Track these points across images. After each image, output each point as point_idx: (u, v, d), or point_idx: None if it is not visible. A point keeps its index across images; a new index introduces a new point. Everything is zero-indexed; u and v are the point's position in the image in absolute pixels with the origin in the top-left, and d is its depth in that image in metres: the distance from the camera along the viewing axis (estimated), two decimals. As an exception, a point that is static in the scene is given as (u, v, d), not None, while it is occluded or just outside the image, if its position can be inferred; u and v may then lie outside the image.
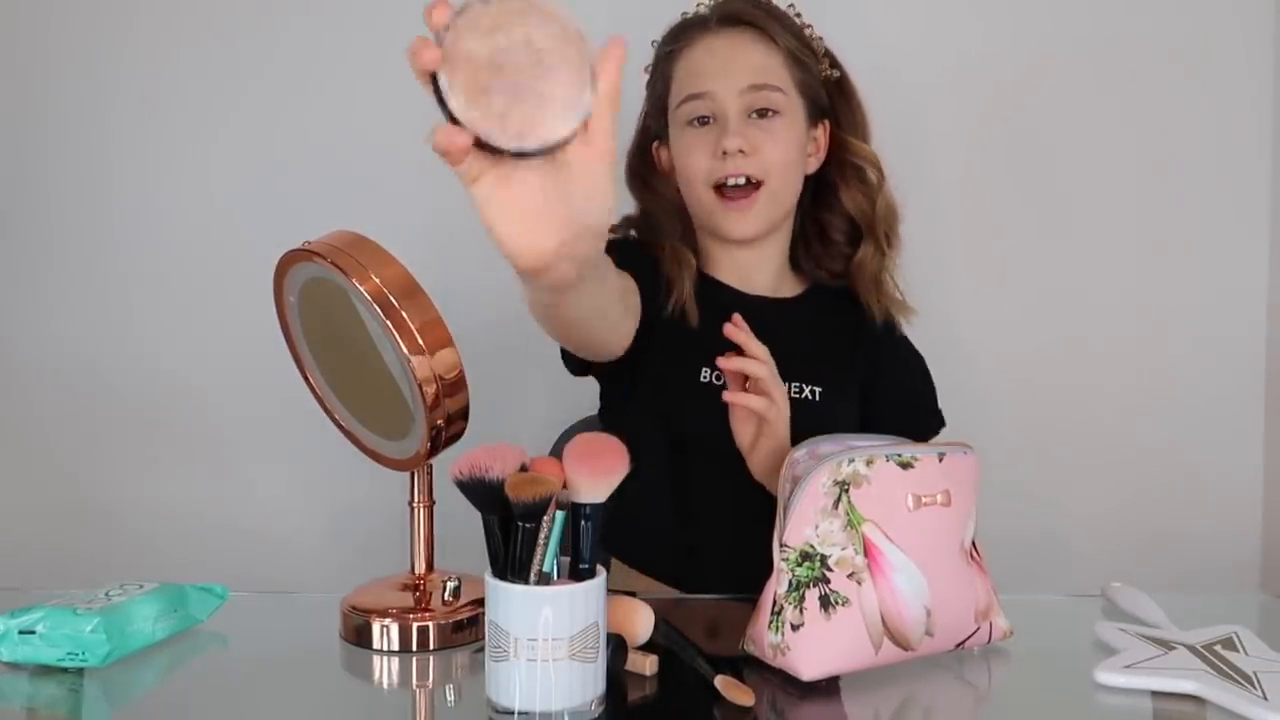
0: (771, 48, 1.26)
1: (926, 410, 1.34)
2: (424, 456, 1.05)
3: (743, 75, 1.24)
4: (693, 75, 1.26)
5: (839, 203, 1.31)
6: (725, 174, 1.24)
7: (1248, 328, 1.68)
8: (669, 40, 1.30)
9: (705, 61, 1.26)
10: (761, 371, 1.10)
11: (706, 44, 1.26)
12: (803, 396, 1.27)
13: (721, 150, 1.23)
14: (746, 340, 1.10)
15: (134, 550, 1.68)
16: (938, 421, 1.35)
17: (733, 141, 1.22)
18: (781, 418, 1.13)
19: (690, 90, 1.25)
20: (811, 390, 1.27)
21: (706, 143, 1.25)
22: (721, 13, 1.27)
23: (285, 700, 0.97)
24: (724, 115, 1.24)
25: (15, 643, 0.97)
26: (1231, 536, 1.69)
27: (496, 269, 1.61)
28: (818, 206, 1.33)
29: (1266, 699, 0.88)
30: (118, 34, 1.65)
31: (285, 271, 1.07)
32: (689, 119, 1.26)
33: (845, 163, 1.30)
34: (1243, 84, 1.65)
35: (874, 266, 1.30)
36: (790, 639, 0.94)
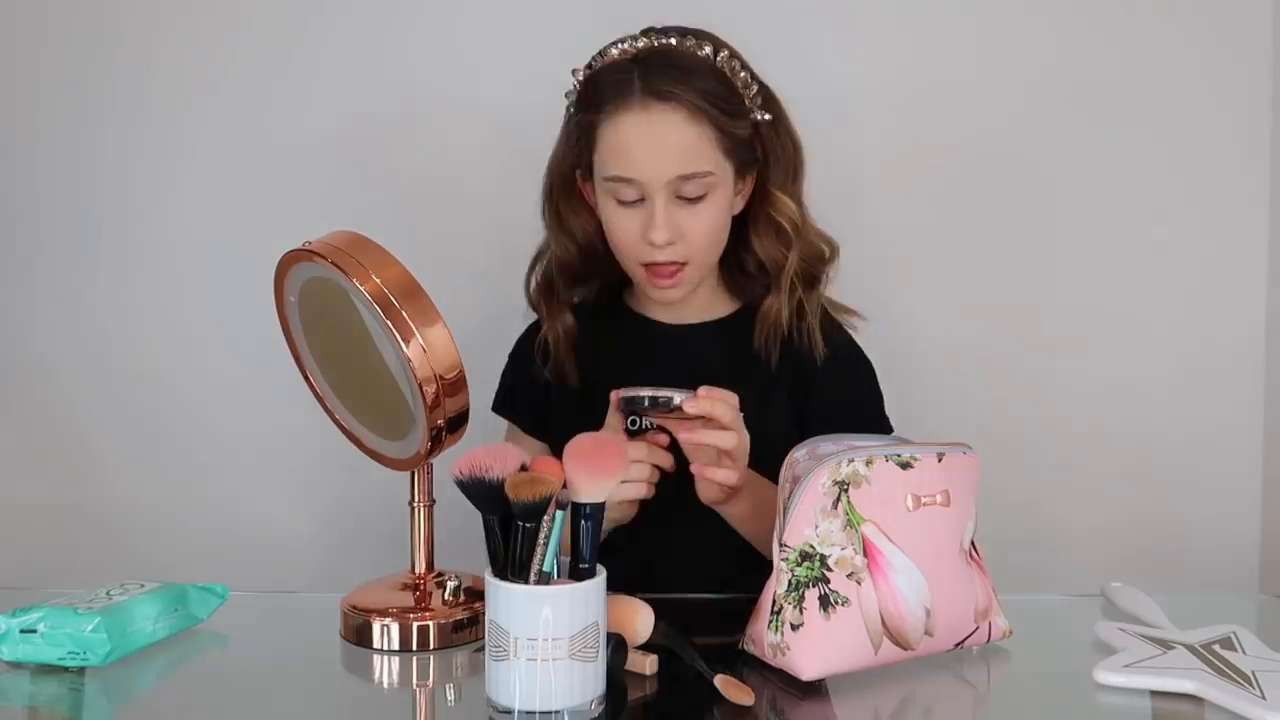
0: (700, 125, 1.21)
1: (870, 418, 1.31)
2: (424, 456, 1.05)
3: (671, 164, 1.20)
4: (618, 156, 1.22)
5: (752, 248, 1.30)
6: (653, 259, 1.23)
7: (1247, 328, 1.68)
8: (591, 102, 1.24)
9: (631, 144, 1.21)
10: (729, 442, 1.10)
11: (633, 123, 1.20)
12: None
13: (649, 240, 1.21)
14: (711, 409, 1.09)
15: (135, 550, 1.68)
16: (884, 427, 1.32)
17: (660, 235, 1.21)
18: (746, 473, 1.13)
19: (616, 172, 1.22)
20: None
21: (634, 223, 1.23)
22: (649, 89, 1.20)
23: (285, 700, 0.97)
24: (651, 198, 1.21)
25: (16, 642, 0.97)
26: (1230, 536, 1.69)
27: (496, 269, 1.62)
28: (737, 243, 1.31)
29: (1265, 698, 0.88)
30: (114, 34, 1.64)
31: (285, 271, 1.07)
32: (616, 196, 1.23)
33: (763, 214, 1.28)
34: (1241, 83, 1.65)
35: (773, 315, 1.28)
36: (790, 639, 0.94)
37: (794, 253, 1.27)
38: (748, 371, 1.28)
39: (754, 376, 1.28)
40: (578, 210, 1.31)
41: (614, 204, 1.24)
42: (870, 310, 1.36)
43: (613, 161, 1.22)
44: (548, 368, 1.32)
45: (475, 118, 1.64)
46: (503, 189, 1.61)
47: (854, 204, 1.40)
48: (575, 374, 1.31)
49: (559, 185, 1.31)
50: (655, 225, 1.21)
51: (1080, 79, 1.64)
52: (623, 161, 1.22)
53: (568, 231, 1.31)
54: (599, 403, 1.19)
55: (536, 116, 1.34)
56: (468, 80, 1.64)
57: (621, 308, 1.36)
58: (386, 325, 0.99)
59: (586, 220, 1.31)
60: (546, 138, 1.33)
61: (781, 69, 1.30)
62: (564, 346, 1.32)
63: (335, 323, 1.06)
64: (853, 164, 1.57)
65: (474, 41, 1.64)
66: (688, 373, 1.20)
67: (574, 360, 1.32)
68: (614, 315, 1.35)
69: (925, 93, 1.63)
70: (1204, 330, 1.68)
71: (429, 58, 1.64)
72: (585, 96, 1.25)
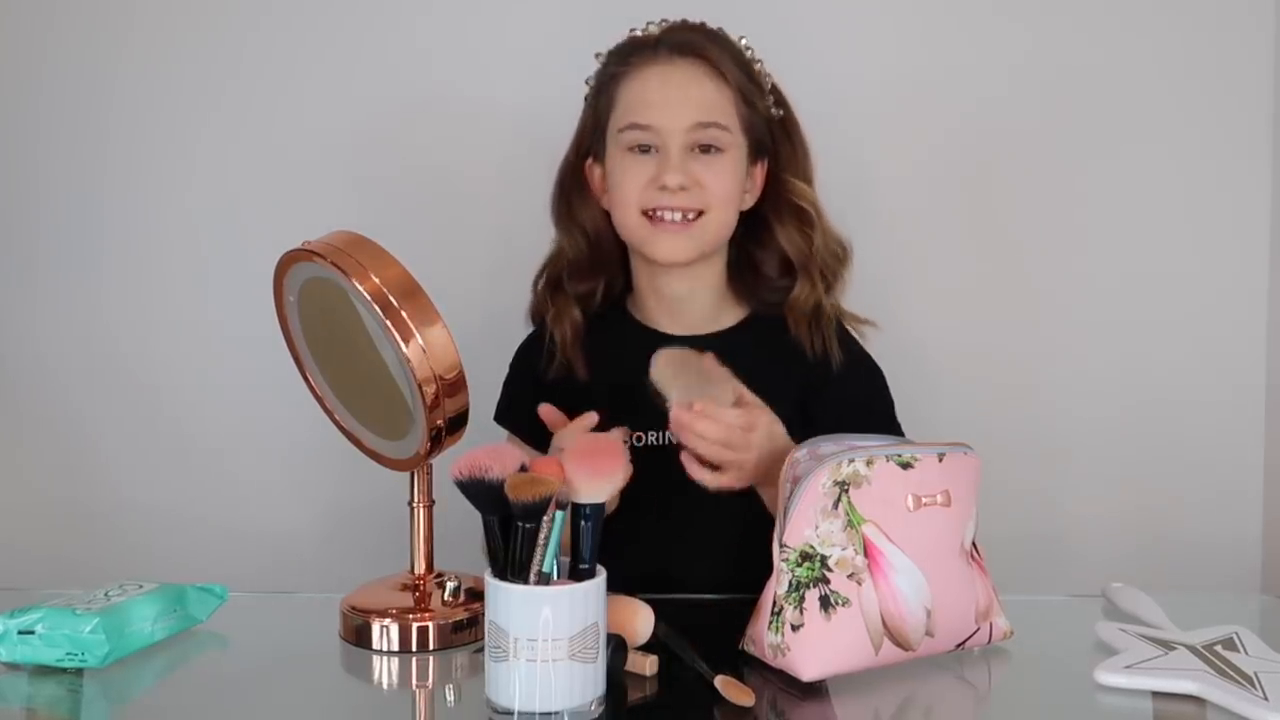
0: (721, 83, 1.24)
1: (879, 426, 1.27)
2: (424, 456, 1.05)
3: (691, 111, 1.22)
4: (639, 104, 1.24)
5: (774, 241, 1.29)
6: (659, 205, 1.23)
7: (1248, 328, 1.67)
8: (616, 60, 1.28)
9: (653, 92, 1.23)
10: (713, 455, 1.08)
11: (656, 73, 1.24)
12: None
13: (661, 184, 1.22)
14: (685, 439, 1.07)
15: (133, 550, 1.68)
16: (894, 432, 1.30)
17: (674, 178, 1.21)
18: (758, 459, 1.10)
19: (635, 119, 1.23)
20: None
21: (645, 170, 1.23)
22: (673, 41, 1.25)
23: (285, 700, 0.97)
24: (666, 148, 1.22)
25: (14, 643, 0.97)
26: (1232, 537, 1.69)
27: (496, 269, 1.62)
28: (750, 243, 1.31)
29: (1267, 699, 0.88)
30: (113, 34, 1.64)
31: (285, 271, 1.07)
32: (630, 145, 1.24)
33: (783, 202, 1.28)
34: (1242, 83, 1.65)
35: (808, 303, 1.28)
36: (790, 639, 0.94)
37: (818, 236, 1.28)
38: (755, 382, 1.27)
39: (761, 387, 1.27)
40: (587, 202, 1.31)
41: (627, 157, 1.24)
42: (870, 310, 1.35)
43: (631, 111, 1.24)
44: (553, 368, 1.30)
45: (482, 118, 1.64)
46: (509, 191, 1.62)
47: (854, 205, 1.39)
48: (585, 369, 1.30)
49: (569, 177, 1.32)
50: (670, 169, 1.21)
51: (1081, 82, 1.64)
52: (641, 109, 1.23)
53: (578, 224, 1.31)
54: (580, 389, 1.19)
55: (545, 116, 1.35)
56: (475, 80, 1.64)
57: (625, 317, 1.34)
58: (386, 325, 0.99)
59: (596, 212, 1.31)
60: (556, 138, 1.33)
61: (787, 72, 1.30)
62: (571, 343, 1.30)
63: (335, 323, 1.06)
64: (855, 167, 1.56)
65: (481, 41, 1.63)
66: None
67: (582, 357, 1.30)
68: (618, 324, 1.33)
69: (926, 97, 1.63)
70: (1205, 330, 1.68)
71: (435, 58, 1.64)
72: (608, 62, 1.28)
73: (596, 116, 1.29)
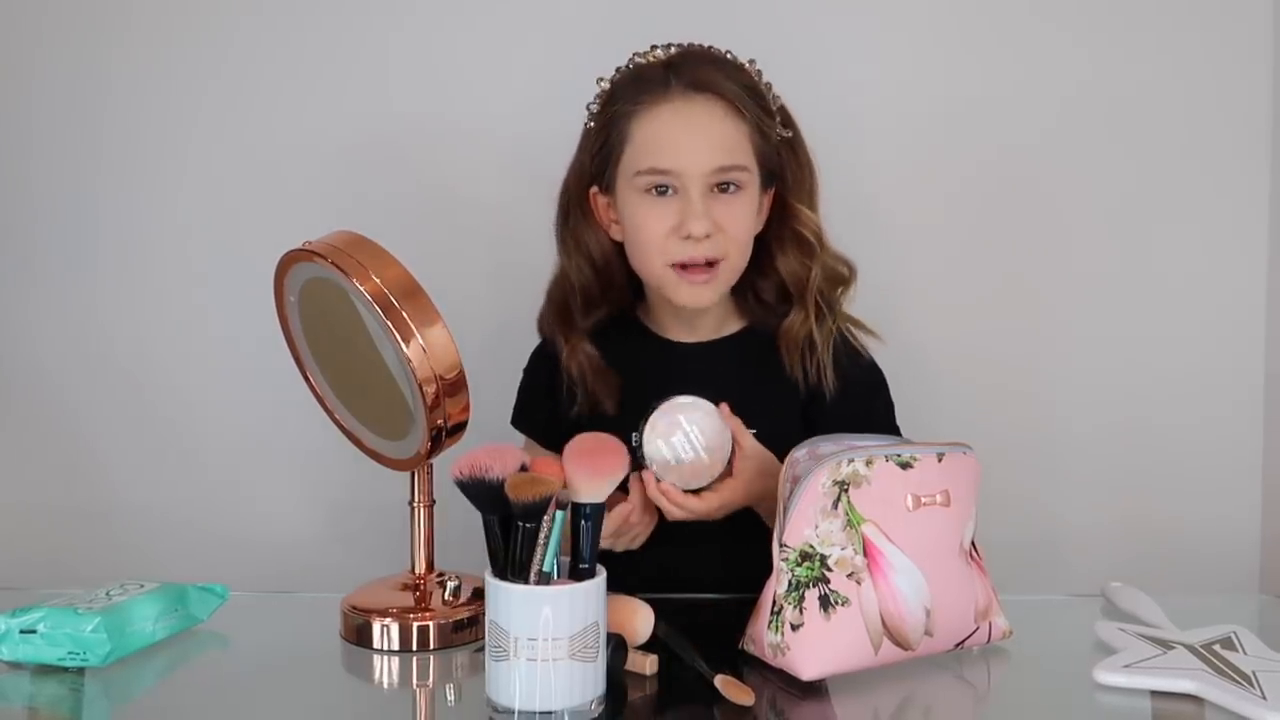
0: (739, 120, 1.20)
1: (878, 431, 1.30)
2: (424, 456, 1.05)
3: (712, 154, 1.18)
4: (657, 147, 1.19)
5: (773, 269, 1.27)
6: (687, 257, 1.20)
7: (1248, 329, 1.68)
8: (627, 96, 1.21)
9: (672, 134, 1.19)
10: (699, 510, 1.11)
11: (672, 112, 1.19)
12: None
13: (685, 233, 1.18)
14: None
15: (134, 550, 1.68)
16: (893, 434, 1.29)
17: (699, 225, 1.17)
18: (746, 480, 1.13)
19: (654, 164, 1.19)
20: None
21: (665, 216, 1.19)
22: (688, 77, 1.20)
23: (285, 700, 0.97)
24: (686, 191, 1.19)
25: (16, 642, 0.97)
26: (1230, 537, 1.69)
27: (496, 270, 1.62)
28: (750, 269, 1.28)
29: (1265, 698, 0.88)
30: (112, 34, 1.64)
31: (285, 271, 1.07)
32: (647, 188, 1.20)
33: (786, 229, 1.26)
34: (1240, 89, 1.65)
35: (800, 333, 1.26)
36: (790, 639, 0.94)
37: (817, 266, 1.25)
38: (763, 387, 1.27)
39: (769, 392, 1.26)
40: (593, 229, 1.27)
41: (645, 200, 1.20)
42: (870, 315, 1.35)
43: (649, 153, 1.19)
44: (577, 403, 1.27)
45: (479, 126, 1.63)
46: (509, 201, 1.62)
47: (855, 211, 1.39)
48: (615, 404, 1.26)
49: (574, 204, 1.27)
50: (694, 216, 1.18)
51: (1078, 91, 1.64)
52: (660, 152, 1.19)
53: (584, 252, 1.27)
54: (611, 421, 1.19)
55: (543, 127, 1.34)
56: (474, 89, 1.64)
57: (634, 325, 1.32)
58: (386, 325, 0.99)
59: (603, 239, 1.27)
60: (553, 147, 1.32)
61: (788, 87, 1.29)
62: (593, 378, 1.27)
63: (335, 323, 1.06)
64: (857, 173, 1.56)
65: (481, 53, 1.63)
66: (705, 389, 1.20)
67: (608, 389, 1.26)
68: (627, 333, 1.31)
69: (929, 107, 1.63)
70: (1204, 330, 1.68)
71: (436, 65, 1.64)
72: (615, 95, 1.22)
73: (605, 150, 1.23)
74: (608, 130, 1.23)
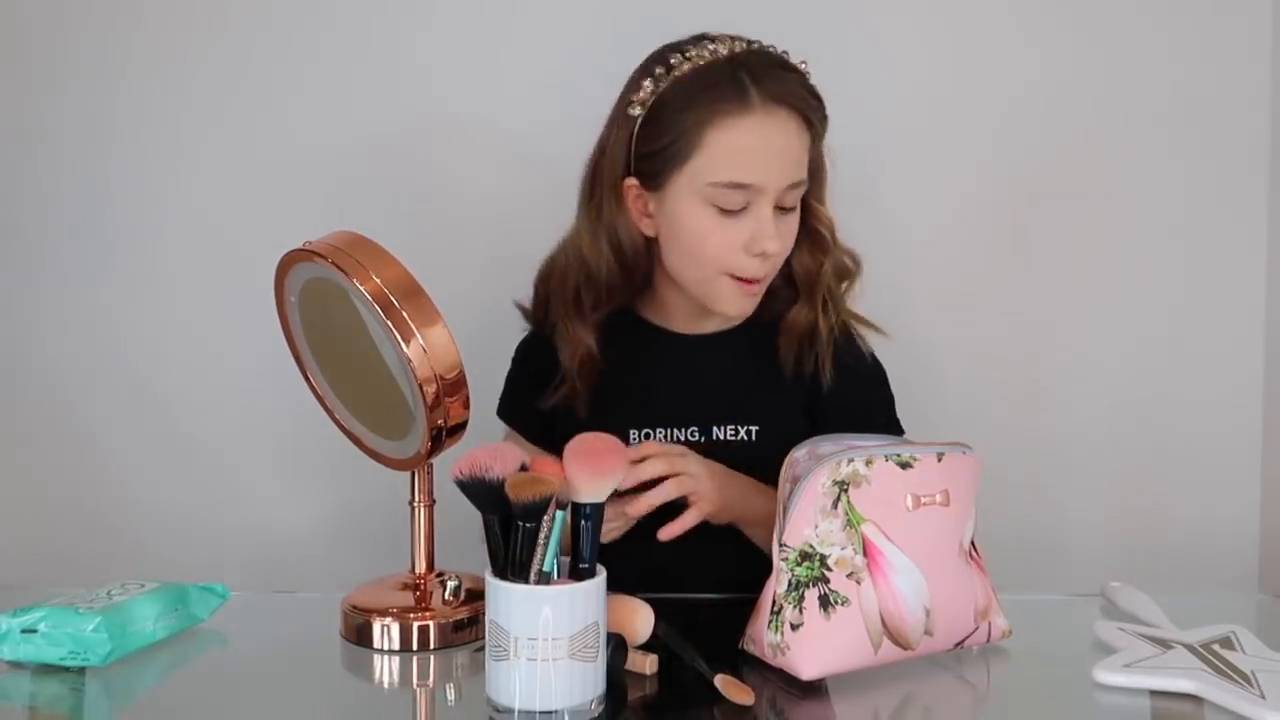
0: (806, 134, 1.18)
1: (879, 424, 1.28)
2: (424, 456, 1.05)
3: (787, 170, 1.16)
4: (739, 161, 1.15)
5: (784, 261, 1.24)
6: (751, 274, 1.18)
7: (1246, 328, 1.68)
8: (699, 99, 1.16)
9: (754, 149, 1.15)
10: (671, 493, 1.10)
11: (754, 126, 1.15)
12: (738, 438, 1.24)
13: (760, 250, 1.16)
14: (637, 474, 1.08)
15: (135, 549, 1.68)
16: (894, 432, 1.30)
17: (775, 244, 1.16)
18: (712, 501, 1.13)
19: (734, 178, 1.15)
20: (747, 431, 1.24)
21: (735, 231, 1.16)
22: (770, 91, 1.15)
23: (285, 700, 0.97)
24: (759, 207, 1.16)
25: (17, 642, 0.97)
26: (1230, 536, 1.69)
27: (497, 269, 1.61)
28: None
29: (1264, 698, 0.88)
30: (114, 36, 1.64)
31: (286, 271, 1.07)
32: (718, 202, 1.16)
33: (803, 225, 1.24)
34: (1240, 89, 1.65)
35: (804, 324, 1.25)
36: (790, 639, 0.94)
37: (829, 261, 1.25)
38: (765, 379, 1.27)
39: (771, 384, 1.26)
40: (626, 221, 1.22)
41: (712, 212, 1.17)
42: (870, 312, 1.35)
43: (728, 167, 1.15)
44: (557, 394, 1.26)
45: (482, 125, 1.64)
46: (510, 200, 1.62)
47: (858, 208, 1.39)
48: (586, 405, 1.25)
49: (607, 193, 1.22)
50: (769, 234, 1.16)
51: (1082, 94, 1.64)
52: (742, 167, 1.15)
53: (614, 243, 1.22)
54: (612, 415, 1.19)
55: (545, 123, 1.33)
56: (475, 87, 1.64)
57: (632, 317, 1.30)
58: (386, 325, 0.99)
59: (635, 232, 1.22)
60: (555, 143, 1.31)
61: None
62: (584, 372, 1.24)
63: (336, 323, 1.06)
64: (861, 170, 1.56)
65: (481, 51, 1.63)
66: (706, 381, 1.19)
67: (590, 389, 1.25)
68: (625, 325, 1.29)
69: (932, 107, 1.64)
70: (1203, 330, 1.68)
71: (437, 64, 1.64)
72: (680, 94, 1.17)
73: (665, 150, 1.17)
74: (671, 131, 1.17)
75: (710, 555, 1.20)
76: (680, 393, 1.26)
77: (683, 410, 1.25)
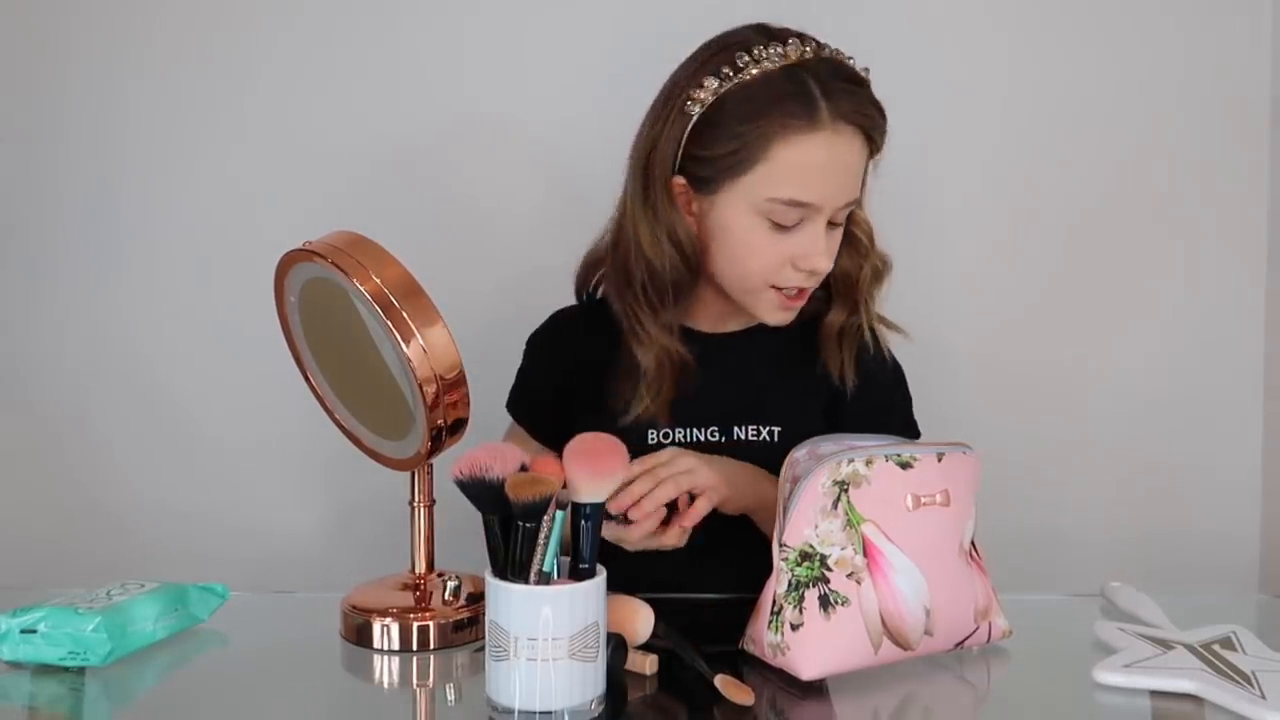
0: (867, 152, 1.15)
1: (897, 426, 1.28)
2: (424, 456, 1.05)
3: (846, 189, 1.14)
4: (803, 180, 1.12)
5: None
6: (798, 289, 1.17)
7: (1246, 327, 1.68)
8: (770, 110, 1.11)
9: (820, 168, 1.12)
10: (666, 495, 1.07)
11: (824, 146, 1.11)
12: (759, 439, 1.23)
13: (811, 267, 1.15)
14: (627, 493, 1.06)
15: (135, 549, 1.68)
16: (911, 434, 1.30)
17: (825, 263, 1.15)
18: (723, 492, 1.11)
19: (796, 196, 1.12)
20: (769, 432, 1.23)
21: (787, 245, 1.14)
22: (841, 109, 1.11)
23: (285, 700, 0.97)
24: (813, 224, 1.14)
25: (17, 642, 0.97)
26: (1230, 536, 1.69)
27: (497, 269, 1.62)
28: None
29: (1265, 698, 0.88)
30: (115, 38, 1.64)
31: (286, 271, 1.07)
32: (773, 216, 1.13)
33: (844, 229, 1.21)
34: (1241, 89, 1.65)
35: (838, 329, 1.24)
36: (790, 639, 0.94)
37: (868, 265, 1.23)
38: (788, 380, 1.26)
39: (794, 385, 1.26)
40: (681, 219, 1.18)
41: (765, 225, 1.14)
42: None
43: (791, 184, 1.12)
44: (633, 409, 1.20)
45: (487, 125, 1.64)
46: (511, 200, 1.62)
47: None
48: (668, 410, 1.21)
49: (660, 190, 1.17)
50: (820, 251, 1.14)
51: (1080, 88, 1.64)
52: (805, 186, 1.12)
53: (674, 240, 1.17)
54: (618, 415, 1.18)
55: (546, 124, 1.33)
56: (477, 86, 1.64)
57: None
58: (386, 325, 0.99)
59: (690, 230, 1.18)
60: (556, 143, 1.31)
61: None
62: (668, 380, 1.20)
63: (335, 323, 1.06)
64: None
65: (482, 52, 1.63)
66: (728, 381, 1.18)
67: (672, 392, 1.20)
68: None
69: (940, 108, 1.64)
70: (1203, 331, 1.68)
71: (438, 65, 1.64)
72: (747, 100, 1.12)
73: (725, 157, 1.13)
74: (732, 140, 1.13)
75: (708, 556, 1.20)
76: (701, 392, 1.24)
77: (703, 410, 1.24)
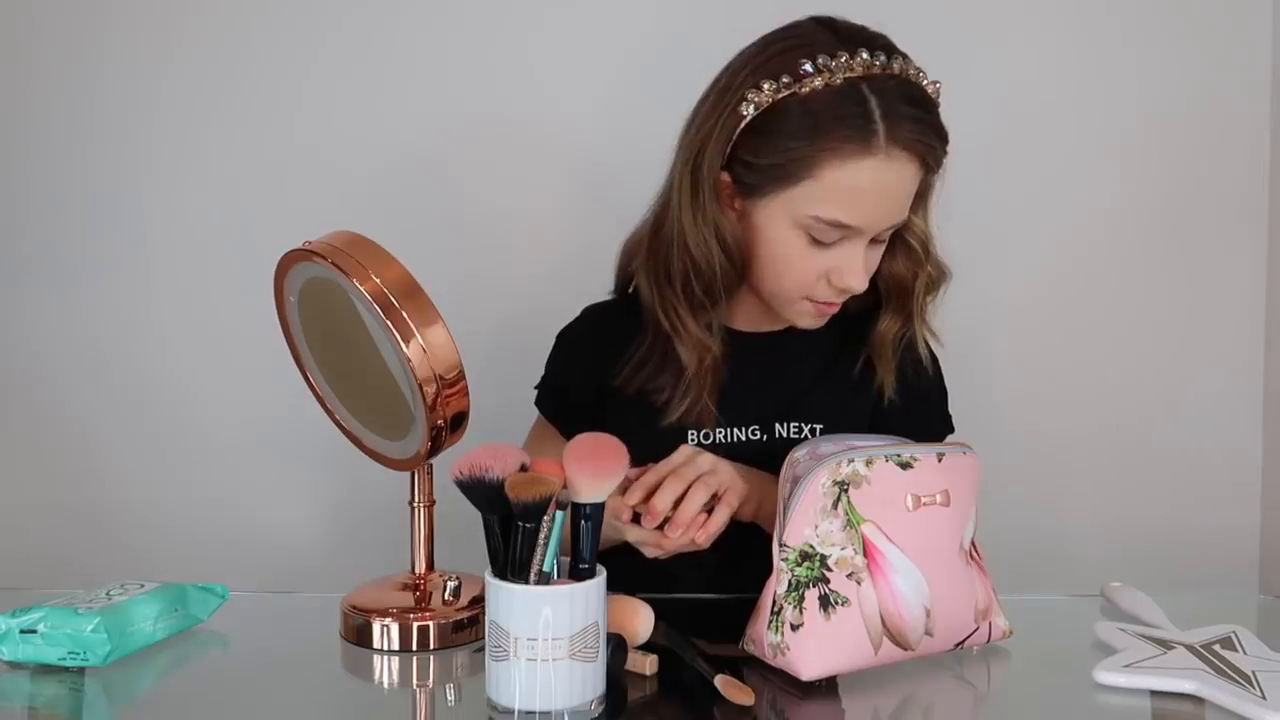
0: (920, 176, 1.12)
1: (934, 419, 1.29)
2: (424, 456, 1.05)
3: (893, 215, 1.12)
4: (849, 203, 1.09)
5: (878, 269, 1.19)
6: (831, 304, 1.16)
7: (1246, 328, 1.68)
8: (828, 125, 1.08)
9: (867, 194, 1.09)
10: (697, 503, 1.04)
11: (875, 171, 1.08)
12: (802, 437, 1.22)
13: (844, 286, 1.13)
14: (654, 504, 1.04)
15: (135, 550, 1.68)
16: (945, 429, 1.30)
17: (859, 282, 1.13)
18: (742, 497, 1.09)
19: (839, 218, 1.09)
20: (811, 429, 1.23)
21: (823, 261, 1.13)
22: (899, 137, 1.08)
23: (285, 700, 0.97)
24: (852, 244, 1.12)
25: (16, 642, 0.97)
26: (1230, 536, 1.70)
27: (497, 269, 1.62)
28: None
29: (1265, 698, 0.88)
30: (115, 35, 1.65)
31: (285, 271, 1.07)
32: (813, 232, 1.11)
33: (898, 236, 1.18)
34: (1241, 89, 1.65)
35: (892, 334, 1.23)
36: (790, 639, 0.94)
37: (923, 273, 1.21)
38: (828, 377, 1.25)
39: (834, 384, 1.25)
40: (728, 217, 1.16)
41: (803, 240, 1.12)
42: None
43: (836, 205, 1.10)
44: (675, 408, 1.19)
45: (489, 126, 1.64)
46: (511, 200, 1.62)
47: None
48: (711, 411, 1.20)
49: (708, 187, 1.14)
50: (855, 270, 1.13)
51: (1080, 87, 1.65)
52: (850, 209, 1.10)
53: (720, 239, 1.15)
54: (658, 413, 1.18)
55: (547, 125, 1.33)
56: (478, 87, 1.64)
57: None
58: (386, 325, 0.99)
59: (735, 228, 1.16)
60: (557, 144, 1.30)
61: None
62: (709, 378, 1.18)
63: (335, 323, 1.06)
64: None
65: (483, 52, 1.64)
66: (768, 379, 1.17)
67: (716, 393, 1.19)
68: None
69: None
70: (1204, 331, 1.68)
71: (438, 65, 1.64)
72: (806, 120, 1.09)
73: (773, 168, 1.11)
74: (782, 152, 1.10)
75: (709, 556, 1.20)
76: (741, 390, 1.23)
77: (744, 408, 1.23)
